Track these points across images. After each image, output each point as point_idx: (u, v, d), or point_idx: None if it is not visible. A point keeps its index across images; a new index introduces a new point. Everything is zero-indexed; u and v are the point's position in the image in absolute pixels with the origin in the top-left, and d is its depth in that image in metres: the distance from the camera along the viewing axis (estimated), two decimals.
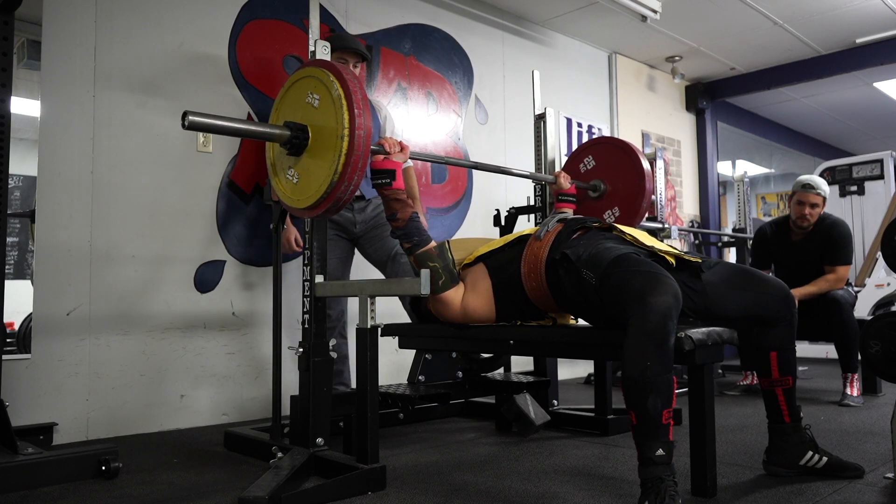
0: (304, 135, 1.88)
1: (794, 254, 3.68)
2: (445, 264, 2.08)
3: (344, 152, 1.76)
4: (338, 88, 1.80)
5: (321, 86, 1.87)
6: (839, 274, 3.49)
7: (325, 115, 1.84)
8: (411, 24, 4.11)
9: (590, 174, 2.98)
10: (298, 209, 1.95)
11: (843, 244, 3.52)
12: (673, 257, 1.96)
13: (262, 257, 3.33)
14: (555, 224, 2.09)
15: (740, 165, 8.15)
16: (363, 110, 1.78)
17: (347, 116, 1.76)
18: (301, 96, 1.94)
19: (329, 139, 1.82)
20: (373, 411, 2.02)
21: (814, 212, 3.56)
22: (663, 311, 1.61)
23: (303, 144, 1.89)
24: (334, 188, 1.80)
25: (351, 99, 1.78)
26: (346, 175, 1.78)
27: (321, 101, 1.86)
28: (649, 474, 1.60)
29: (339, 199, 1.83)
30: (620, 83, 5.54)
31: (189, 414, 3.05)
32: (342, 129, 1.76)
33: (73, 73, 2.82)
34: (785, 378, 2.01)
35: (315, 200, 1.85)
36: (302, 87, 1.95)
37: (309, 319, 2.19)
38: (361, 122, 1.77)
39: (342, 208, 1.89)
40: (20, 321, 2.69)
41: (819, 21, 4.95)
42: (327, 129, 1.83)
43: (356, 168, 1.78)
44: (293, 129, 1.88)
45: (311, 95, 1.89)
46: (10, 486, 1.98)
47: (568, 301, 1.99)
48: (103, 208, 2.87)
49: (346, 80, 1.81)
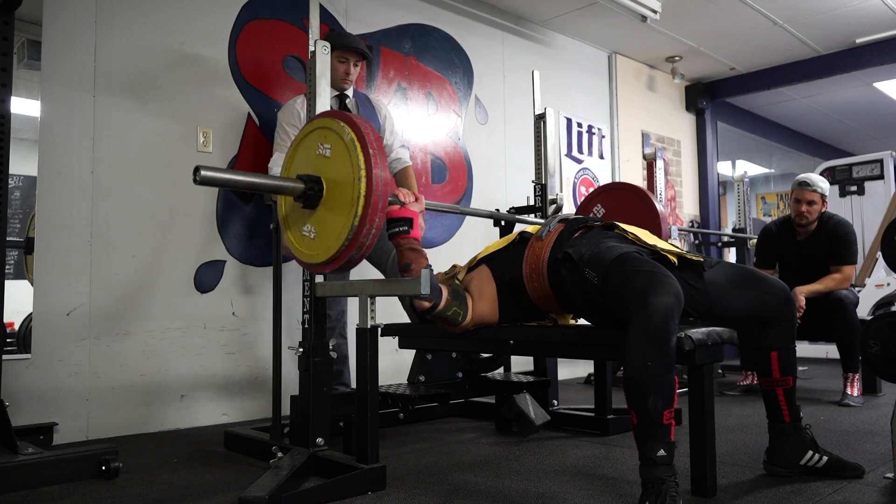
0: (319, 186, 1.82)
1: (799, 253, 3.67)
2: (461, 301, 2.05)
3: (362, 194, 1.69)
4: (349, 133, 1.75)
5: (331, 134, 1.81)
6: (845, 273, 3.48)
7: (339, 163, 1.78)
8: (411, 24, 4.11)
9: None
10: (317, 264, 1.86)
11: (848, 243, 3.51)
12: (675, 256, 1.96)
13: (261, 257, 3.33)
14: (556, 224, 2.09)
15: (740, 165, 8.15)
16: (378, 151, 1.72)
17: (363, 157, 1.71)
18: (311, 149, 1.88)
19: (345, 187, 1.75)
20: (373, 411, 2.02)
21: (811, 209, 3.55)
22: (665, 311, 1.60)
23: (317, 196, 1.82)
24: (355, 234, 1.72)
25: (364, 140, 1.72)
26: (366, 218, 1.70)
27: (333, 149, 1.80)
28: (650, 475, 1.60)
29: (362, 245, 1.74)
30: (620, 83, 5.54)
31: (189, 414, 3.05)
32: (359, 172, 1.70)
33: (73, 73, 2.82)
34: (785, 378, 2.01)
35: (336, 251, 1.77)
36: (312, 141, 1.90)
37: (309, 319, 2.19)
38: (377, 161, 1.71)
39: (364, 257, 1.80)
40: (20, 321, 2.69)
41: (819, 21, 4.95)
42: (342, 177, 1.76)
43: (376, 209, 1.71)
44: (307, 181, 1.82)
45: (322, 146, 1.84)
46: (10, 486, 1.98)
47: (570, 301, 1.98)
48: (103, 208, 2.87)
49: (358, 124, 1.76)
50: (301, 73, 3.51)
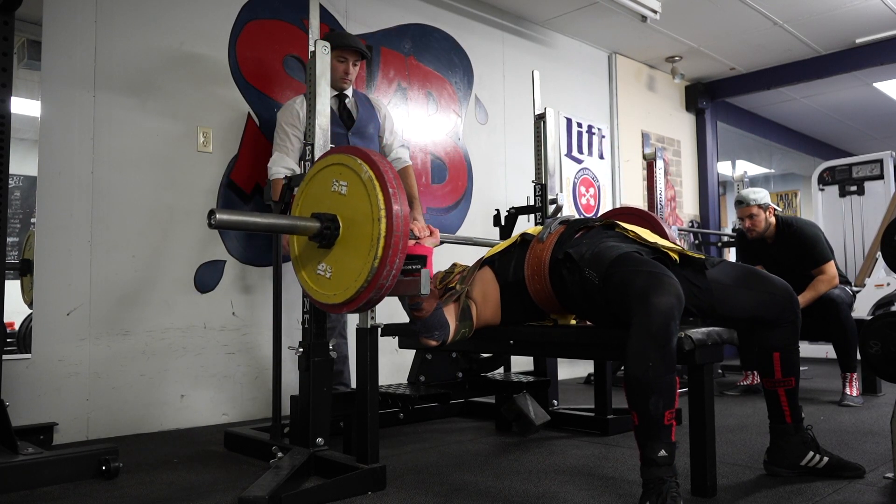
0: (335, 224, 1.76)
1: (772, 256, 3.75)
2: (467, 319, 2.03)
3: (383, 235, 1.64)
4: (368, 171, 1.70)
5: (348, 171, 1.75)
6: (828, 272, 3.53)
7: (356, 201, 1.72)
8: (411, 24, 4.11)
9: None
10: (334, 305, 1.79)
11: (815, 244, 3.57)
12: (676, 254, 1.96)
13: (261, 257, 3.33)
14: (557, 226, 2.09)
15: (740, 165, 8.15)
16: (398, 190, 1.67)
17: (382, 196, 1.65)
18: (326, 186, 1.81)
19: (363, 226, 1.70)
20: (373, 411, 2.02)
21: (754, 221, 3.66)
22: (666, 311, 1.60)
23: (334, 235, 1.76)
24: (375, 275, 1.66)
25: (384, 179, 1.67)
26: (386, 259, 1.64)
27: (350, 186, 1.74)
28: (651, 475, 1.60)
29: (381, 286, 1.68)
30: (620, 83, 5.54)
31: (189, 414, 3.05)
32: (378, 212, 1.65)
33: (73, 73, 2.82)
34: (788, 379, 2.01)
35: (354, 292, 1.70)
36: (325, 177, 1.83)
37: (309, 319, 2.19)
38: (398, 199, 1.66)
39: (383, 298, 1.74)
40: (20, 321, 2.69)
41: (819, 21, 4.95)
42: (360, 216, 1.71)
43: (397, 250, 1.66)
44: (322, 219, 1.76)
45: (338, 183, 1.77)
46: (10, 486, 1.98)
47: (571, 301, 1.98)
48: (103, 208, 2.87)
49: (376, 161, 1.71)
50: (301, 73, 3.51)
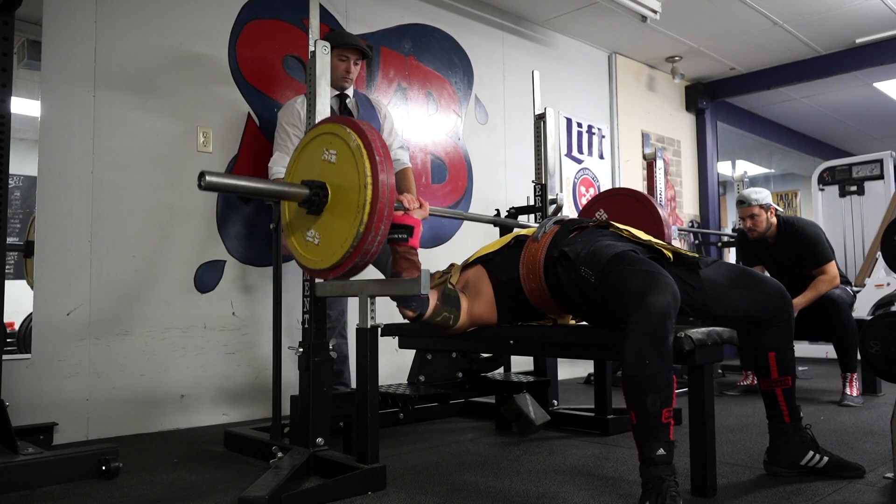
0: (324, 192, 1.81)
1: (773, 256, 3.75)
2: (451, 304, 2.04)
3: (368, 201, 1.68)
4: (356, 139, 1.74)
5: (337, 140, 1.80)
6: (829, 272, 3.53)
7: (345, 169, 1.77)
8: (411, 24, 4.11)
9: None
10: (321, 270, 1.85)
11: (816, 244, 3.57)
12: (670, 252, 1.96)
13: (261, 257, 3.33)
14: (552, 226, 2.09)
15: (740, 165, 8.15)
16: (384, 158, 1.71)
17: (369, 164, 1.70)
18: (316, 155, 1.87)
19: (350, 193, 1.74)
20: (373, 411, 2.02)
21: (756, 221, 3.67)
22: (662, 310, 1.61)
23: (322, 202, 1.82)
24: (361, 241, 1.71)
25: (371, 147, 1.71)
26: (372, 225, 1.69)
27: (338, 155, 1.79)
28: (650, 474, 1.60)
29: (367, 252, 1.73)
30: (620, 83, 5.54)
31: (189, 414, 3.05)
32: (365, 179, 1.69)
33: (73, 73, 2.82)
34: (784, 378, 2.01)
35: (340, 257, 1.76)
36: (316, 146, 1.88)
37: (309, 319, 2.19)
38: (384, 168, 1.70)
39: (369, 264, 1.79)
40: (20, 321, 2.69)
41: (819, 21, 4.95)
42: (347, 183, 1.75)
43: (382, 217, 1.70)
44: (311, 186, 1.82)
45: (328, 152, 1.83)
46: (10, 486, 1.98)
47: (567, 300, 1.99)
48: (103, 208, 2.87)
49: (364, 130, 1.75)
50: (301, 73, 3.51)
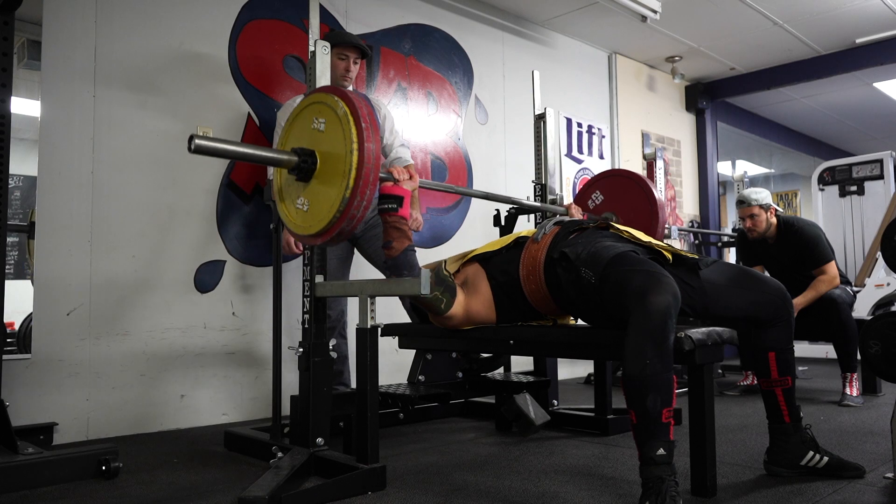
0: (312, 159, 1.85)
1: (772, 256, 3.75)
2: (445, 287, 2.04)
3: (354, 166, 1.72)
4: (343, 107, 1.78)
5: (326, 108, 1.84)
6: (828, 272, 3.54)
7: (333, 137, 1.81)
8: (411, 24, 4.11)
9: (599, 209, 2.96)
10: (309, 236, 1.89)
11: (816, 244, 3.57)
12: (669, 252, 1.97)
13: (261, 257, 3.33)
14: (552, 227, 2.09)
15: (740, 165, 8.16)
16: (370, 125, 1.75)
17: (355, 130, 1.74)
18: (307, 124, 1.92)
19: (338, 160, 1.78)
20: (373, 411, 2.02)
21: (756, 221, 3.65)
22: (663, 310, 1.61)
23: (311, 169, 1.85)
24: (347, 206, 1.74)
25: (357, 115, 1.75)
26: (357, 190, 1.73)
27: (327, 123, 1.83)
28: (650, 474, 1.60)
29: (353, 217, 1.76)
30: (620, 83, 5.54)
31: (189, 414, 3.05)
32: (351, 145, 1.73)
33: (73, 73, 2.82)
34: (784, 378, 2.01)
35: (328, 222, 1.80)
36: (307, 115, 1.92)
37: (309, 319, 2.19)
38: (370, 135, 1.73)
39: (355, 229, 1.83)
40: (20, 321, 2.69)
41: (819, 21, 4.95)
42: (335, 150, 1.80)
43: (367, 182, 1.73)
44: (300, 154, 1.85)
45: (317, 121, 1.87)
46: (10, 486, 1.98)
47: (567, 301, 1.99)
48: (103, 208, 2.87)
49: (352, 98, 1.79)
50: (301, 73, 3.51)
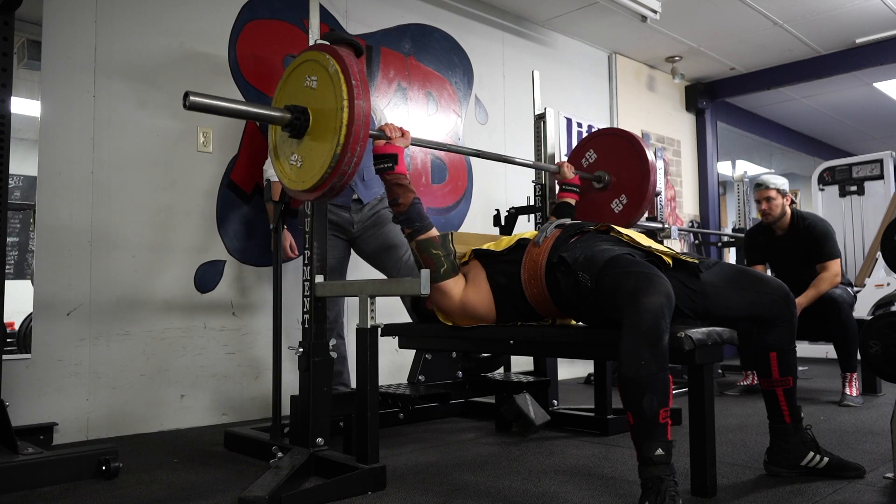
0: (305, 116, 1.88)
1: (780, 251, 3.76)
2: (448, 253, 2.06)
3: (345, 123, 1.76)
4: (334, 65, 1.82)
5: (318, 66, 1.87)
6: (832, 269, 3.54)
7: (324, 94, 1.84)
8: (411, 24, 4.11)
9: (592, 168, 2.99)
10: (303, 191, 1.92)
11: (825, 240, 3.59)
12: (670, 258, 1.96)
13: (261, 257, 3.33)
14: (553, 230, 2.09)
15: (740, 165, 8.16)
16: (360, 83, 1.78)
17: (346, 88, 1.77)
18: (300, 81, 1.95)
19: (330, 118, 1.82)
20: (373, 411, 2.02)
21: (771, 204, 3.66)
22: (655, 310, 1.61)
23: (304, 126, 1.89)
24: (338, 161, 1.78)
25: (348, 73, 1.78)
26: (348, 146, 1.76)
27: (319, 81, 1.87)
28: (649, 474, 1.60)
29: (344, 172, 1.80)
30: (620, 83, 5.54)
31: (189, 414, 3.05)
32: (341, 101, 1.76)
33: (73, 74, 2.82)
34: (785, 378, 2.01)
35: (320, 177, 1.83)
36: (300, 73, 1.96)
37: (309, 319, 2.19)
38: (360, 92, 1.77)
39: (346, 185, 1.86)
40: (20, 321, 2.69)
41: (819, 21, 4.95)
42: (327, 107, 1.83)
43: (358, 138, 1.77)
44: (293, 111, 1.88)
45: (309, 78, 1.90)
46: (10, 486, 1.98)
47: (566, 304, 1.99)
48: (103, 208, 2.87)
49: (343, 57, 1.82)
50: None
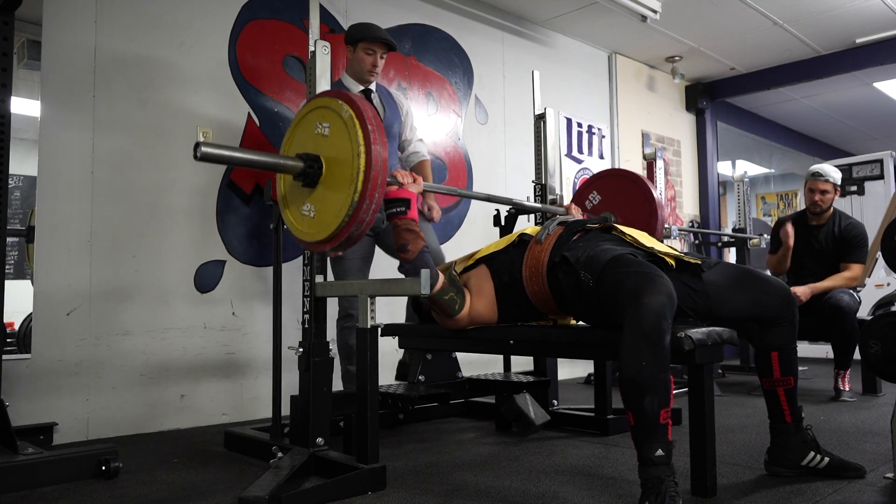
0: (318, 164, 1.83)
1: (810, 247, 3.82)
2: (457, 289, 2.06)
3: (362, 169, 1.70)
4: (348, 110, 1.77)
5: (330, 113, 1.82)
6: (854, 272, 3.64)
7: (338, 140, 1.80)
8: (411, 24, 4.11)
9: (597, 210, 2.94)
10: (317, 242, 1.86)
11: (860, 244, 3.71)
12: (672, 258, 1.96)
13: (262, 257, 3.33)
14: (555, 227, 2.09)
15: (740, 165, 8.15)
16: (376, 127, 1.74)
17: (361, 133, 1.72)
18: (310, 129, 1.90)
19: (344, 164, 1.76)
20: (373, 411, 2.02)
21: (824, 198, 3.78)
22: (657, 310, 1.61)
23: (317, 174, 1.83)
24: (356, 209, 1.72)
25: (363, 117, 1.74)
26: (366, 193, 1.71)
27: (332, 127, 1.82)
28: (649, 475, 1.60)
29: (362, 220, 1.74)
30: (620, 83, 5.54)
31: (189, 414, 3.05)
32: (358, 147, 1.72)
33: (73, 73, 2.82)
34: (786, 378, 2.01)
35: (336, 226, 1.77)
36: (310, 121, 1.91)
37: (309, 319, 2.19)
38: (376, 137, 1.72)
39: (364, 233, 1.80)
40: (20, 321, 2.69)
41: (819, 21, 4.95)
42: (341, 154, 1.78)
43: (376, 184, 1.71)
44: (306, 159, 1.83)
45: (321, 125, 1.85)
46: (10, 486, 1.98)
47: (568, 303, 1.99)
48: (103, 208, 2.87)
49: (356, 101, 1.77)
50: (301, 73, 3.51)
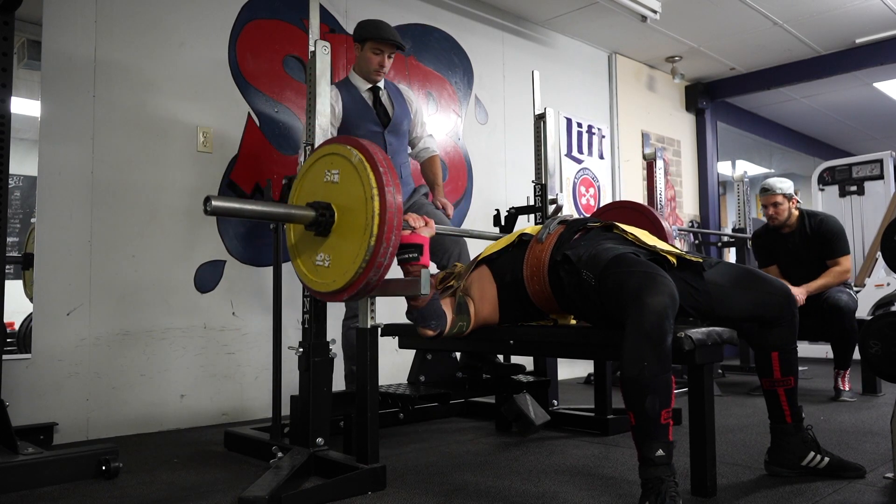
0: (330, 212, 1.79)
1: (789, 249, 3.79)
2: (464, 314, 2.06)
3: (377, 212, 1.67)
4: (357, 154, 1.74)
5: (339, 159, 1.79)
6: (843, 265, 3.62)
7: (349, 186, 1.76)
8: (411, 24, 4.11)
9: None
10: (334, 292, 1.81)
11: (837, 237, 3.66)
12: (674, 257, 1.96)
13: (261, 257, 3.33)
14: (556, 226, 2.09)
15: (740, 165, 8.15)
16: (388, 170, 1.70)
17: (374, 176, 1.69)
18: (318, 178, 1.86)
19: (357, 210, 1.72)
20: (373, 411, 2.02)
21: (778, 210, 3.71)
22: (660, 310, 1.61)
23: (329, 222, 1.80)
24: (373, 253, 1.67)
25: (374, 161, 1.70)
26: (382, 236, 1.66)
27: (341, 173, 1.78)
28: (649, 475, 1.60)
29: (380, 265, 1.69)
30: (620, 83, 5.54)
31: (189, 414, 3.05)
32: (371, 191, 1.68)
33: (73, 73, 2.82)
34: (787, 378, 2.01)
35: (353, 273, 1.71)
36: (318, 169, 1.88)
37: (309, 319, 2.19)
38: (389, 179, 1.69)
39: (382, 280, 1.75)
40: (20, 321, 2.69)
41: (819, 21, 4.95)
42: (353, 200, 1.74)
43: (392, 227, 1.67)
44: (317, 207, 1.79)
45: (330, 173, 1.82)
46: (10, 486, 1.98)
47: (569, 302, 1.99)
48: (103, 208, 2.87)
49: (364, 145, 1.74)
50: (301, 73, 3.51)
